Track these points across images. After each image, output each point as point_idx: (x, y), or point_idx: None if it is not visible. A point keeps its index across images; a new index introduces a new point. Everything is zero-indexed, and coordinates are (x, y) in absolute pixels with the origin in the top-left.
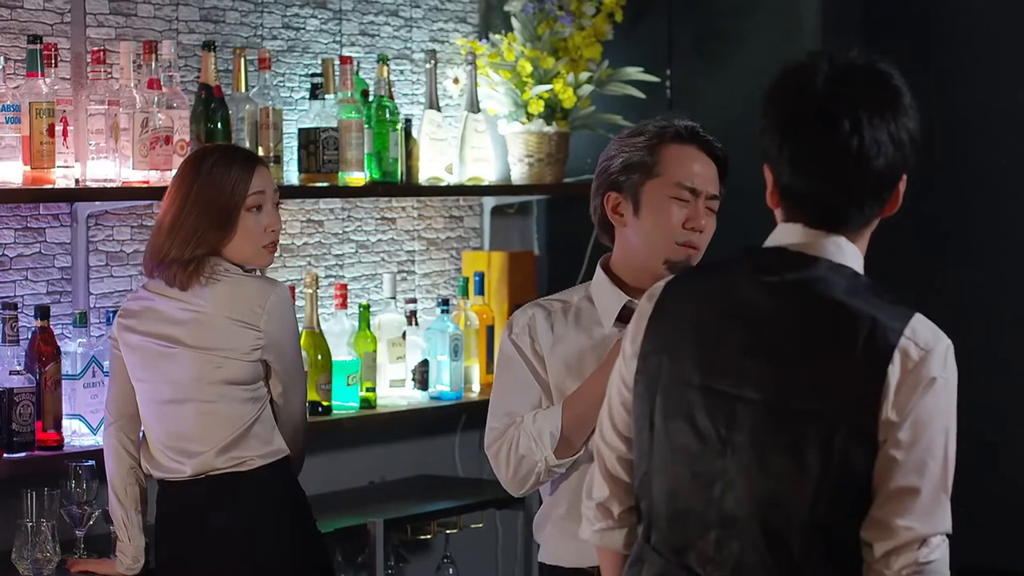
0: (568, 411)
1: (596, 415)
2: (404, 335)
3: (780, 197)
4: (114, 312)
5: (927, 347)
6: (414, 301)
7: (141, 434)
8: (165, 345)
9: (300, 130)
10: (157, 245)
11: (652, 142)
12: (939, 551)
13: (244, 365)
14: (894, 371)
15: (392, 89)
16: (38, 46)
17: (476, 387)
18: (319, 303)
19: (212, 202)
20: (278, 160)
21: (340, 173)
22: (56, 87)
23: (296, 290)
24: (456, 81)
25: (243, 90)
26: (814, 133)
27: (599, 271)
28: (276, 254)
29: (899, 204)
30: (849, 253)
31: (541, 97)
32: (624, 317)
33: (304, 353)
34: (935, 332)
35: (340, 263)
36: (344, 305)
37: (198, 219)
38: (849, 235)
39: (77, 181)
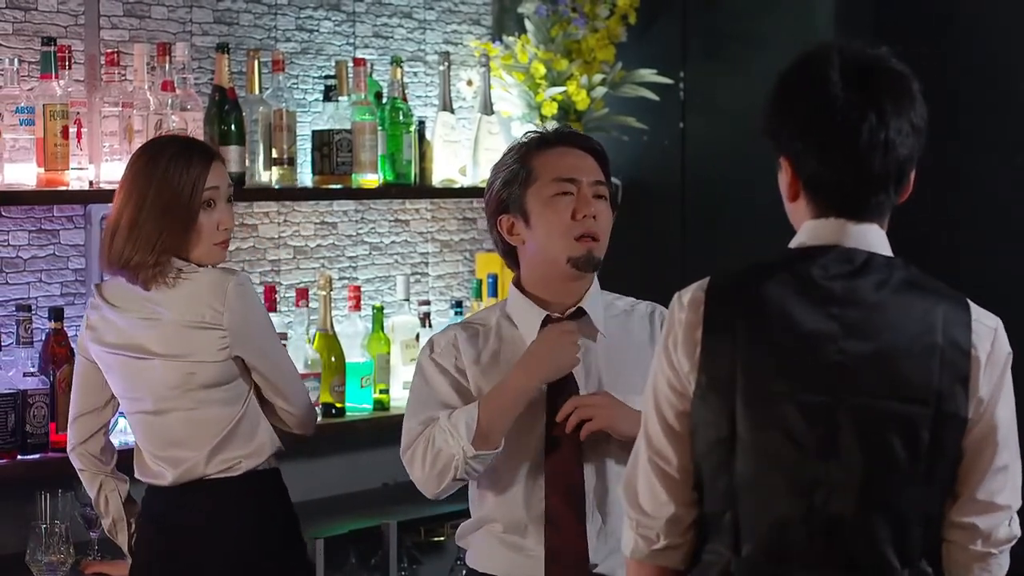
0: (485, 404)
1: (515, 409)
2: (418, 337)
3: (806, 189)
4: None
5: (993, 326)
6: (428, 303)
7: (132, 441)
8: (140, 356)
9: (314, 132)
10: (116, 250)
11: (521, 153)
12: (1016, 521)
13: (216, 367)
14: (977, 353)
15: (406, 91)
16: (52, 48)
17: None
18: (333, 305)
19: (172, 203)
20: (292, 162)
21: (354, 175)
22: (70, 89)
23: (310, 292)
24: (470, 83)
25: (257, 92)
26: (841, 124)
27: (513, 290)
28: (290, 256)
29: (911, 190)
30: (886, 243)
31: (554, 99)
32: None
33: (317, 354)
34: (988, 313)
35: (354, 265)
36: (358, 307)
37: (159, 222)
38: (880, 223)
39: (91, 183)
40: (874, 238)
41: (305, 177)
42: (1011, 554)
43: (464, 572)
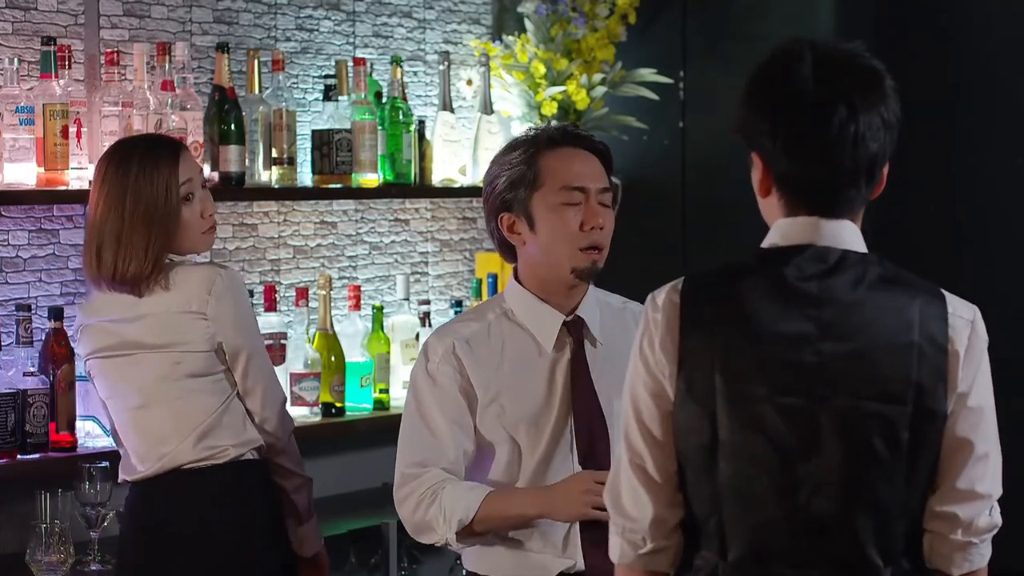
0: (487, 505)
1: (512, 524)
2: (418, 336)
3: (777, 185)
4: None
5: (969, 317)
6: (427, 303)
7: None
8: (127, 353)
9: (314, 132)
10: (107, 264)
11: (528, 153)
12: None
13: (201, 356)
14: (955, 347)
15: (405, 91)
16: (52, 48)
17: None
18: (333, 304)
19: (152, 208)
20: (292, 162)
21: (353, 175)
22: (70, 88)
23: (310, 291)
24: (469, 83)
25: (256, 92)
26: (809, 120)
27: (516, 286)
28: (290, 255)
29: (883, 186)
30: (860, 239)
31: (554, 99)
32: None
33: (317, 354)
34: (965, 302)
35: (353, 264)
36: (357, 306)
37: (145, 229)
38: (853, 219)
39: (90, 183)
40: (847, 235)
41: (305, 177)
42: (1012, 554)
43: (464, 574)
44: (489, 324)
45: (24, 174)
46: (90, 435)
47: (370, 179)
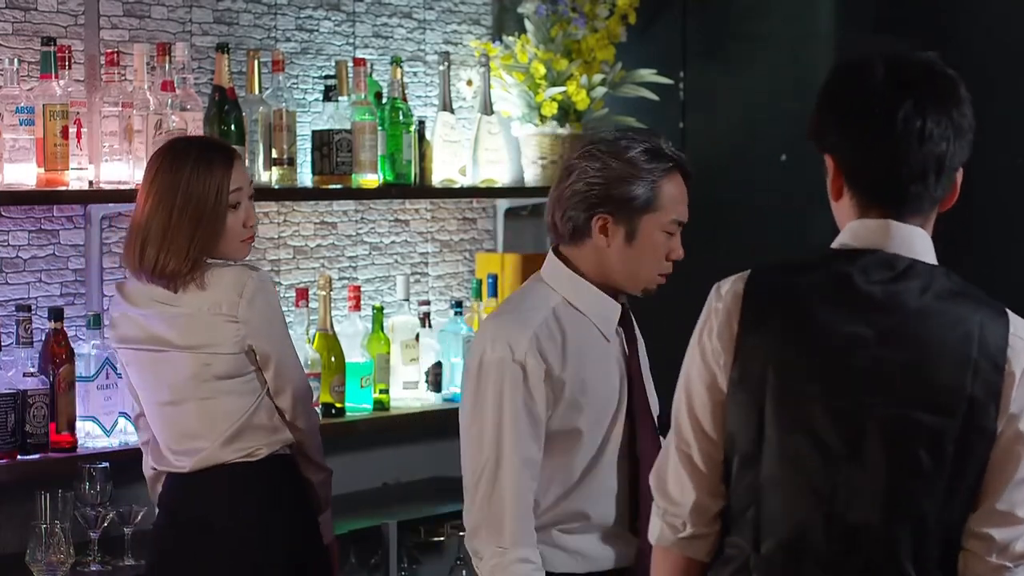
0: None
1: None
2: (417, 337)
3: (848, 184)
4: None
5: None
6: (427, 303)
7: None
8: (158, 349)
9: (314, 132)
10: (149, 257)
11: (657, 174)
12: None
13: (230, 358)
14: (1012, 368)
15: (405, 91)
16: (52, 48)
17: None
18: (333, 305)
19: (201, 208)
20: (292, 162)
21: (353, 175)
22: (70, 89)
23: (310, 292)
24: (469, 83)
25: (256, 92)
26: (878, 116)
27: (574, 276)
28: (290, 256)
29: (956, 196)
30: (931, 250)
31: (554, 99)
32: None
33: (317, 354)
34: None
35: (354, 265)
36: (358, 307)
37: (190, 230)
38: (924, 222)
39: (91, 183)
40: (919, 244)
41: (305, 177)
42: None
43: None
44: (555, 312)
45: (24, 174)
46: (90, 435)
47: (370, 179)
